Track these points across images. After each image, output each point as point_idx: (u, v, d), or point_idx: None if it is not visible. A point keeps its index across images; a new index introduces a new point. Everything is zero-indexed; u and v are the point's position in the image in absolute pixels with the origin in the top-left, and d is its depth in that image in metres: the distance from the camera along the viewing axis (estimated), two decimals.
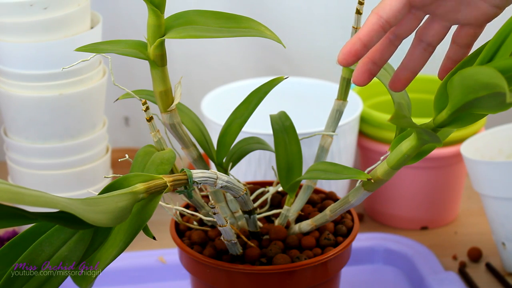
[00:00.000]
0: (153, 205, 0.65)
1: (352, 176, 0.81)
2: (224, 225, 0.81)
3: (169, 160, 0.76)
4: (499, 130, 1.17)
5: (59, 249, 0.61)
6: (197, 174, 0.73)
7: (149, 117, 0.80)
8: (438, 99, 0.71)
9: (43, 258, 0.60)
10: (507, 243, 1.10)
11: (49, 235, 0.61)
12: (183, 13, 0.80)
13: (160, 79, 0.81)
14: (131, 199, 0.63)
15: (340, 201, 0.87)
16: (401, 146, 0.78)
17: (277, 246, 0.87)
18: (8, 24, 1.09)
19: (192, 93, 1.41)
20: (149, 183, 0.66)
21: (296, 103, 1.28)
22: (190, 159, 0.89)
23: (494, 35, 0.68)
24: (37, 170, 1.15)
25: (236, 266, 0.84)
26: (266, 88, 0.88)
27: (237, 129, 0.88)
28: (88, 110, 1.15)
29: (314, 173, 0.86)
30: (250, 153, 0.94)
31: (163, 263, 1.12)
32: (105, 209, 0.58)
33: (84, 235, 0.60)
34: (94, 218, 0.55)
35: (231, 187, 0.79)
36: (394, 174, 0.80)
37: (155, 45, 0.78)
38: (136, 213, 0.64)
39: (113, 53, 0.81)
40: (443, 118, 0.71)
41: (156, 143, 0.82)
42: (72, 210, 0.53)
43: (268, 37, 0.80)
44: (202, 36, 0.77)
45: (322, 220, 0.89)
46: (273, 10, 1.38)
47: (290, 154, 0.91)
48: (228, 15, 0.80)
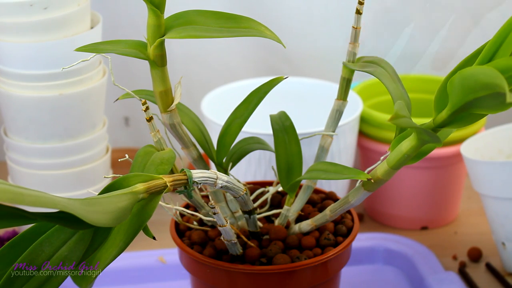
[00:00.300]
0: (153, 205, 0.65)
1: (352, 176, 0.81)
2: (224, 225, 0.81)
3: (169, 160, 0.76)
4: (499, 130, 1.17)
5: (59, 249, 0.61)
6: (197, 174, 0.73)
7: (149, 117, 0.80)
8: (438, 99, 0.71)
9: (43, 258, 0.60)
10: (507, 243, 1.10)
11: (49, 235, 0.61)
12: (183, 13, 0.80)
13: (160, 79, 0.81)
14: (131, 199, 0.63)
15: (340, 201, 0.86)
16: (401, 146, 0.78)
17: (277, 246, 0.87)
18: (8, 24, 1.09)
19: (192, 93, 1.41)
20: (149, 183, 0.67)
21: (296, 103, 1.28)
22: (190, 159, 0.89)
23: (494, 35, 0.69)
24: (37, 170, 1.15)
25: (236, 266, 0.84)
26: (266, 88, 0.88)
27: (237, 129, 0.88)
28: (88, 110, 1.15)
29: (314, 173, 0.86)
30: (250, 153, 0.94)
31: (163, 263, 1.12)
32: (105, 209, 0.58)
33: (84, 235, 0.60)
34: (94, 218, 0.55)
35: (231, 187, 0.79)
36: (394, 174, 0.80)
37: (155, 45, 0.78)
38: (136, 213, 0.64)
39: (113, 53, 0.81)
40: (443, 118, 0.71)
41: (156, 143, 0.82)
42: (72, 210, 0.53)
43: (268, 37, 0.80)
44: (202, 36, 0.77)
45: (322, 220, 0.89)
46: (273, 10, 1.38)
47: (290, 154, 0.91)
48: (228, 15, 0.80)
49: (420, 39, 1.42)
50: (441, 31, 1.41)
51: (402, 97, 0.81)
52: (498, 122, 1.26)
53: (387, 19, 1.40)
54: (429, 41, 1.43)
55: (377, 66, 0.84)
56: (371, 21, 1.40)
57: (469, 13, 1.39)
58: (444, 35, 1.42)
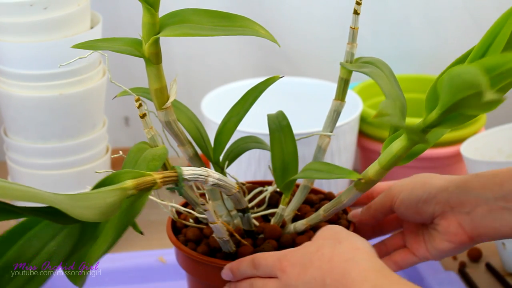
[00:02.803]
0: (142, 202, 0.66)
1: (343, 176, 0.81)
2: (215, 222, 0.81)
3: (160, 157, 0.76)
4: (499, 130, 1.17)
5: (48, 244, 0.62)
6: (187, 172, 0.73)
7: (142, 113, 0.81)
8: (429, 99, 0.71)
9: (32, 252, 0.61)
10: (507, 243, 1.09)
11: (38, 230, 0.62)
12: (179, 11, 0.80)
13: (155, 76, 0.81)
14: (119, 195, 0.63)
15: (333, 201, 0.87)
16: (392, 146, 0.78)
17: (270, 245, 0.87)
18: (8, 24, 1.09)
19: (192, 93, 1.41)
20: (138, 179, 0.67)
21: (296, 103, 1.28)
22: (186, 157, 0.89)
23: (485, 32, 0.68)
24: (37, 170, 1.15)
25: (225, 263, 0.84)
26: (261, 87, 0.88)
27: (233, 127, 0.88)
28: (88, 110, 1.15)
29: (307, 173, 0.86)
30: (250, 153, 0.94)
31: (163, 263, 1.12)
32: (93, 205, 0.58)
33: (72, 230, 0.61)
34: (80, 213, 0.56)
35: (222, 185, 0.79)
36: (385, 175, 0.80)
37: (150, 42, 0.78)
38: (125, 209, 0.65)
39: (111, 52, 0.81)
40: (433, 118, 0.70)
41: (150, 140, 0.83)
42: (58, 205, 0.53)
43: (262, 36, 0.80)
44: (195, 34, 0.77)
45: (316, 220, 0.89)
46: (273, 10, 1.38)
47: (286, 153, 0.91)
48: (223, 14, 0.80)
49: (420, 39, 1.42)
50: (441, 31, 1.42)
51: (398, 97, 0.80)
52: (498, 122, 1.25)
53: (387, 19, 1.41)
54: (429, 41, 1.43)
55: (373, 67, 0.84)
56: (371, 20, 1.40)
57: (469, 13, 1.39)
58: (444, 35, 1.42)
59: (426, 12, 1.39)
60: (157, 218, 1.16)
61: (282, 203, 0.92)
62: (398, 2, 1.39)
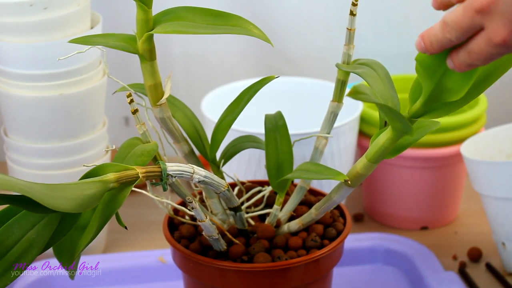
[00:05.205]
0: (124, 195, 0.67)
1: (331, 177, 0.81)
2: (203, 220, 0.81)
3: (149, 153, 0.76)
4: (499, 130, 1.17)
5: (28, 231, 0.62)
6: (172, 167, 0.73)
7: (133, 109, 0.81)
8: (414, 90, 0.72)
9: (13, 239, 0.62)
10: (507, 243, 1.09)
11: (19, 218, 0.62)
12: (173, 9, 0.81)
13: (149, 73, 0.82)
14: (100, 187, 0.64)
15: (324, 199, 0.87)
16: (379, 139, 0.78)
17: (261, 245, 0.87)
18: (8, 24, 1.09)
19: (192, 93, 1.41)
20: (121, 173, 0.67)
21: (296, 103, 1.28)
22: (182, 154, 0.89)
23: None
24: (37, 170, 1.15)
25: (215, 262, 0.84)
26: (256, 87, 0.89)
27: (227, 126, 0.88)
28: (88, 110, 1.15)
29: (298, 173, 0.87)
30: (251, 153, 0.94)
31: (163, 263, 1.12)
32: (70, 195, 0.59)
33: (52, 219, 0.61)
34: (54, 203, 0.56)
35: (210, 182, 0.79)
36: (374, 169, 0.80)
37: (143, 39, 0.79)
38: (107, 201, 0.65)
39: (104, 47, 0.82)
40: (417, 108, 0.71)
41: (142, 136, 0.83)
42: (30, 194, 0.54)
43: (255, 35, 0.80)
44: (187, 32, 0.77)
45: (308, 219, 0.89)
46: (273, 10, 1.38)
47: (280, 153, 0.91)
48: (217, 13, 0.80)
49: None
50: None
51: (390, 98, 0.80)
52: (498, 122, 1.25)
53: (387, 19, 1.41)
54: None
55: (367, 68, 0.83)
56: (371, 21, 1.40)
57: None
58: None
59: (426, 12, 1.39)
60: (157, 218, 1.16)
61: (276, 203, 0.92)
62: (398, 2, 1.39)
